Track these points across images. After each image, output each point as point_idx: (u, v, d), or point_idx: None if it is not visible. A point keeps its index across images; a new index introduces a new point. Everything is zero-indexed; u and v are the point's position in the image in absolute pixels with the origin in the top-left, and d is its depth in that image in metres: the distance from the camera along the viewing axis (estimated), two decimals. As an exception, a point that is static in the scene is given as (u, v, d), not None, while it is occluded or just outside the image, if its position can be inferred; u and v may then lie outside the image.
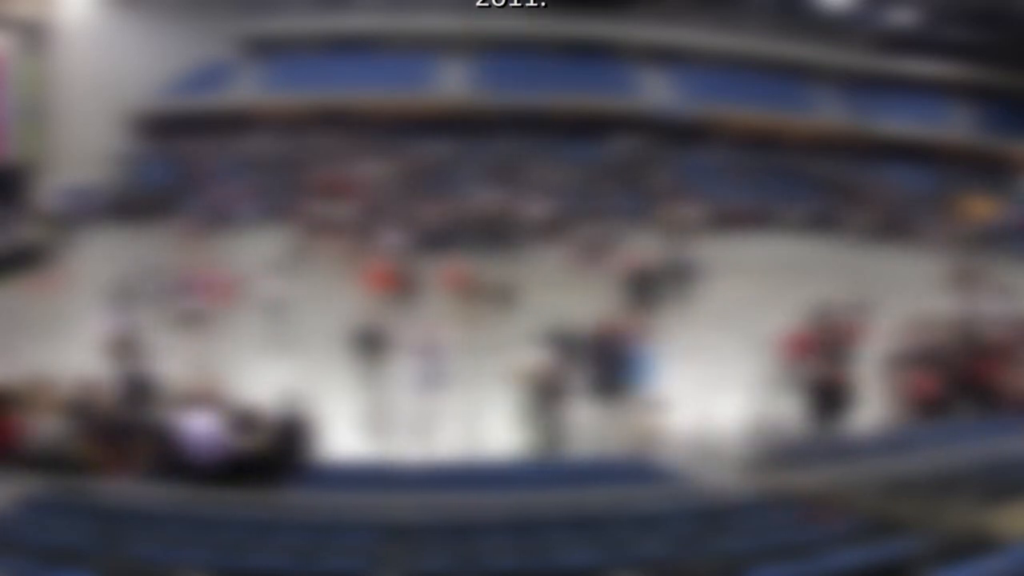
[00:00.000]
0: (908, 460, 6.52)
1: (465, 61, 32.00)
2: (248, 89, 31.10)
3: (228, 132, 29.67)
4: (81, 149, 26.18)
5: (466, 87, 31.47)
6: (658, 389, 10.55)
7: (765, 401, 10.88)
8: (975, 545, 4.88)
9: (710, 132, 31.27)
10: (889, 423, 10.39)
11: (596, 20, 31.80)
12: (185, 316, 14.06)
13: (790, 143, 31.54)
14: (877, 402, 10.74)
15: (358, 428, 10.76)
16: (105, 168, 27.46)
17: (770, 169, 30.58)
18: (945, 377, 10.31)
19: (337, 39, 32.11)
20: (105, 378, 9.70)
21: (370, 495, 6.46)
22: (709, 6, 32.54)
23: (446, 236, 21.63)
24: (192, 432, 8.02)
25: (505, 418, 10.60)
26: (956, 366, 10.56)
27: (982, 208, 27.20)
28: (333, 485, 7.86)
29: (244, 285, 15.38)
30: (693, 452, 9.33)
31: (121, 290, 14.02)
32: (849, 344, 12.14)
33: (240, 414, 8.48)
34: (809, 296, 13.64)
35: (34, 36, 26.40)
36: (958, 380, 10.33)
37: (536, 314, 13.57)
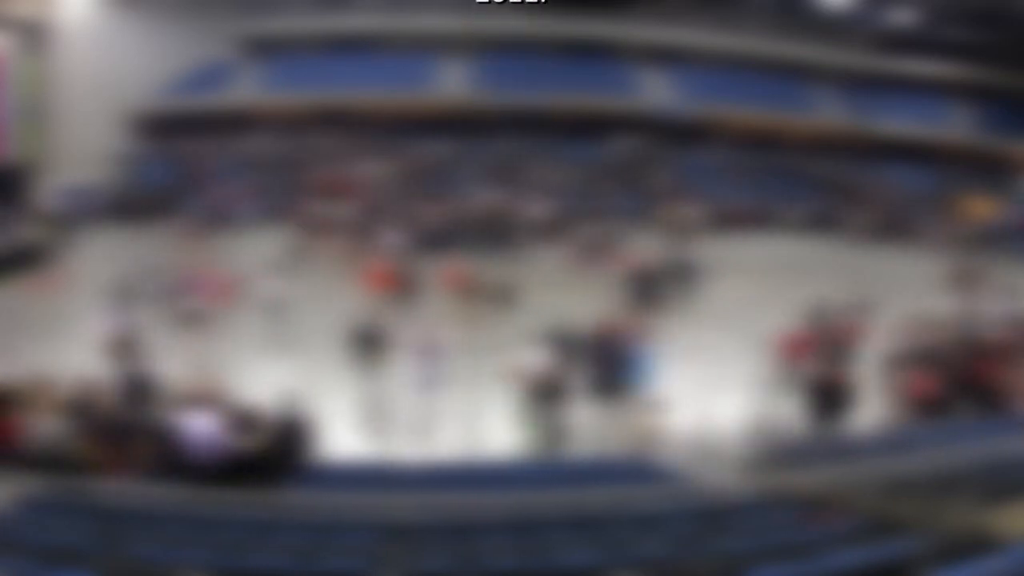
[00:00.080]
0: (908, 460, 6.52)
1: (465, 61, 31.98)
2: (248, 89, 31.08)
3: (228, 132, 29.64)
4: (81, 149, 26.17)
5: (466, 87, 31.45)
6: (658, 389, 10.57)
7: (765, 401, 10.89)
8: (975, 545, 4.87)
9: (710, 132, 31.25)
10: (889, 423, 10.39)
11: (596, 20, 31.78)
12: (185, 316, 14.06)
13: (790, 143, 31.52)
14: (877, 402, 10.74)
15: (358, 428, 10.76)
16: (105, 168, 27.44)
17: (770, 169, 30.56)
18: (945, 377, 10.31)
19: (337, 39, 32.09)
20: (105, 378, 9.71)
21: (370, 495, 6.46)
22: (709, 6, 32.52)
23: (446, 236, 21.62)
24: (192, 432, 8.02)
25: (505, 418, 10.60)
26: (956, 366, 10.56)
27: (982, 208, 27.20)
28: (333, 485, 7.86)
29: (244, 285, 15.37)
30: (693, 452, 9.33)
31: (121, 290, 14.04)
32: (849, 344, 12.16)
33: (240, 414, 8.48)
34: (809, 296, 13.65)
35: (34, 36, 26.38)
36: (958, 380, 10.33)
37: (536, 314, 13.56)
